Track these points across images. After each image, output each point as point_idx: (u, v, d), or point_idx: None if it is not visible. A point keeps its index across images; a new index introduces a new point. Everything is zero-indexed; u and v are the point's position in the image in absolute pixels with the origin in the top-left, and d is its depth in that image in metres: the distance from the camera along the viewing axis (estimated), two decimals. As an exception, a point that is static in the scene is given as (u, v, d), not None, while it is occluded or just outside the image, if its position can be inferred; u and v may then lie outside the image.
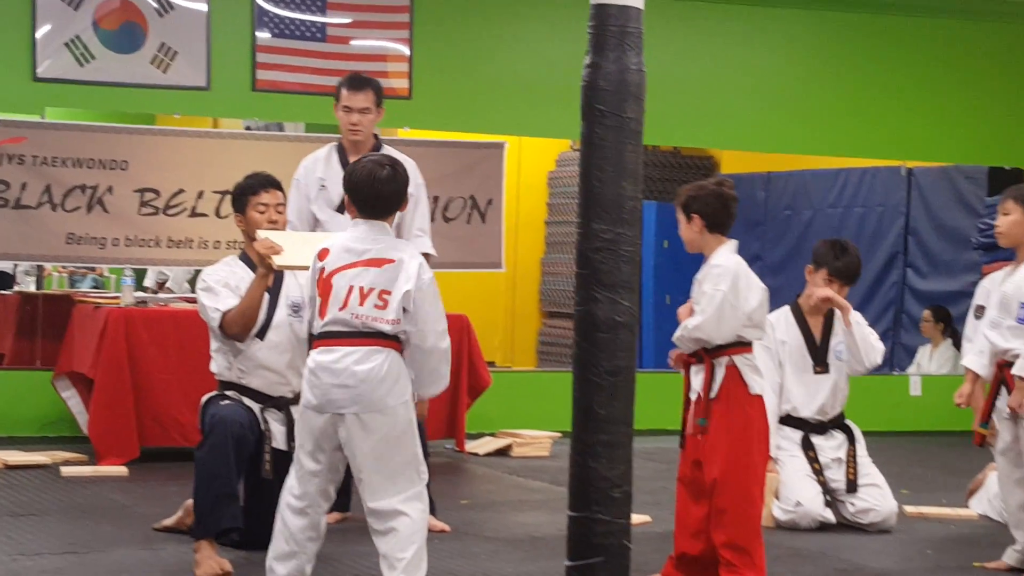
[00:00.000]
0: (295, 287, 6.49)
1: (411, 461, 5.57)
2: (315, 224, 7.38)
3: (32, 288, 12.03)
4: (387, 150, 7.51)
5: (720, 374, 6.02)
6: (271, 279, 6.46)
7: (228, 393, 6.50)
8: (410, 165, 7.49)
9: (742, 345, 6.03)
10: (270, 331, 6.50)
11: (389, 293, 5.49)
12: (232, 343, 6.48)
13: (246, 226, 6.66)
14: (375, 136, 7.56)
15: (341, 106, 7.44)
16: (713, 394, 6.03)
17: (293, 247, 6.34)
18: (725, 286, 5.94)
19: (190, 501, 6.57)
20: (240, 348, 6.48)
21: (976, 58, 12.75)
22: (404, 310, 5.49)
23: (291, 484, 5.68)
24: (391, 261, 5.52)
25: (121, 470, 8.87)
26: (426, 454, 7.52)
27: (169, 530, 6.97)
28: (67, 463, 9.08)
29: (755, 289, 6.01)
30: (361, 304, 5.48)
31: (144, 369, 9.21)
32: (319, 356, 5.53)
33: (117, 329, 9.19)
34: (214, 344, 6.58)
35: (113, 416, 9.14)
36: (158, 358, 9.26)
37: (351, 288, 5.50)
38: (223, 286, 6.50)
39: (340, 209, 7.22)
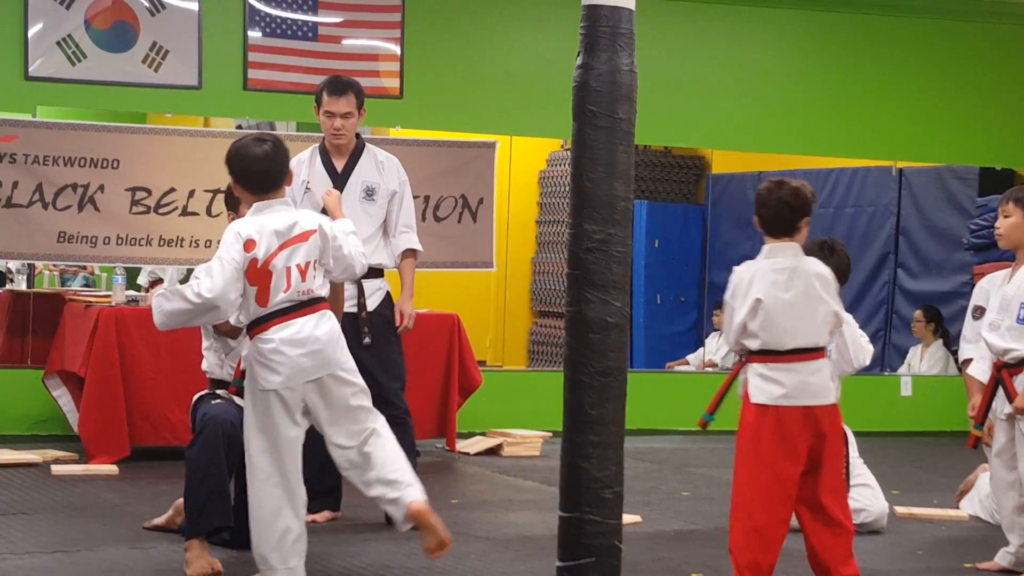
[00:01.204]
0: None
1: (366, 399, 5.76)
2: None
3: (23, 286, 12.00)
4: (370, 149, 7.55)
5: (741, 379, 5.85)
6: None
7: (219, 392, 6.52)
8: (393, 162, 7.61)
9: (750, 353, 5.80)
10: None
11: (318, 261, 5.73)
12: (223, 341, 6.49)
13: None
14: (357, 135, 7.57)
15: (323, 111, 7.45)
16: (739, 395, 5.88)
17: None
18: (727, 294, 5.89)
19: (180, 500, 6.58)
20: (231, 346, 6.49)
21: (967, 58, 12.77)
22: (327, 270, 5.78)
23: (268, 497, 5.68)
24: (314, 231, 5.73)
25: (112, 469, 8.87)
26: (416, 453, 7.54)
27: (159, 529, 6.97)
28: (57, 462, 9.07)
29: (747, 298, 5.78)
30: (303, 280, 5.67)
31: (135, 368, 9.20)
32: (276, 334, 5.62)
33: (108, 328, 9.18)
34: (205, 342, 6.60)
35: (104, 415, 9.13)
36: (149, 357, 9.25)
37: (288, 269, 5.64)
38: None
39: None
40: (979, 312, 7.25)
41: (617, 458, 5.21)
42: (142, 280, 13.90)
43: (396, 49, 11.23)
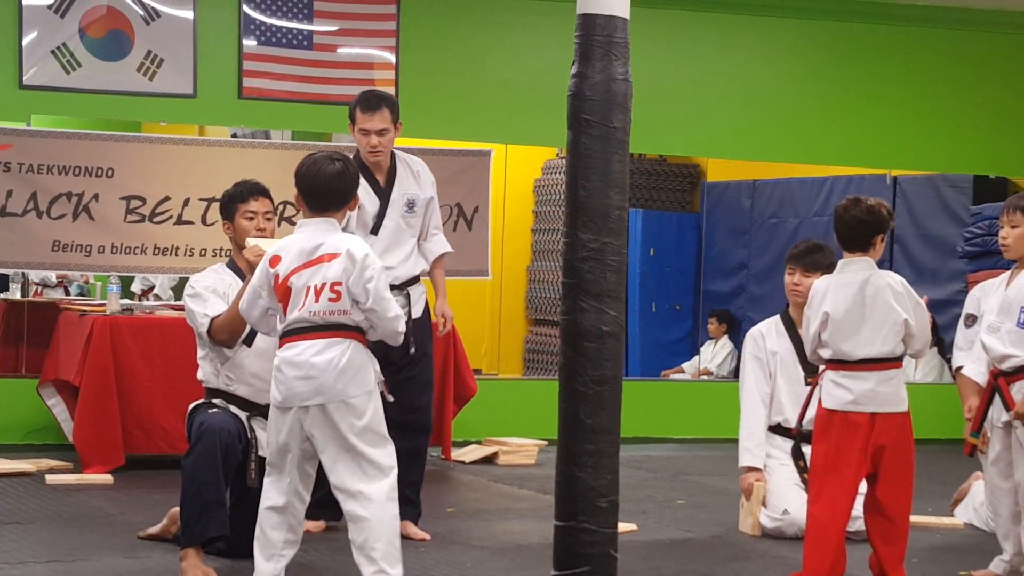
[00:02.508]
0: None
1: (379, 450, 5.61)
2: None
3: (17, 295, 12.00)
4: (402, 158, 7.44)
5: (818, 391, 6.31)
6: None
7: (215, 401, 6.51)
8: (424, 168, 7.51)
9: (826, 362, 6.23)
10: (257, 336, 6.50)
11: (340, 284, 5.58)
12: (219, 350, 6.49)
13: (234, 233, 6.67)
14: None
15: (357, 128, 7.22)
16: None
17: None
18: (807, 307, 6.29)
19: (175, 509, 6.57)
20: (227, 355, 6.49)
21: (961, 66, 12.78)
22: (355, 301, 5.58)
23: (265, 490, 5.73)
24: (338, 254, 5.60)
25: (106, 478, 8.86)
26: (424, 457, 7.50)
27: (154, 538, 6.95)
28: (52, 471, 9.06)
29: (819, 311, 6.18)
30: (316, 301, 5.58)
31: (130, 377, 9.19)
32: (283, 352, 5.64)
33: (103, 337, 9.17)
34: (201, 351, 6.59)
35: (98, 424, 9.11)
36: (144, 366, 9.24)
37: (308, 288, 5.59)
38: (211, 292, 6.52)
39: (375, 230, 7.23)
40: (971, 320, 7.25)
41: (612, 467, 5.22)
42: (135, 287, 13.91)
43: (391, 57, 11.23)
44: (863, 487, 6.30)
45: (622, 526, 5.82)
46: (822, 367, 6.28)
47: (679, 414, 11.98)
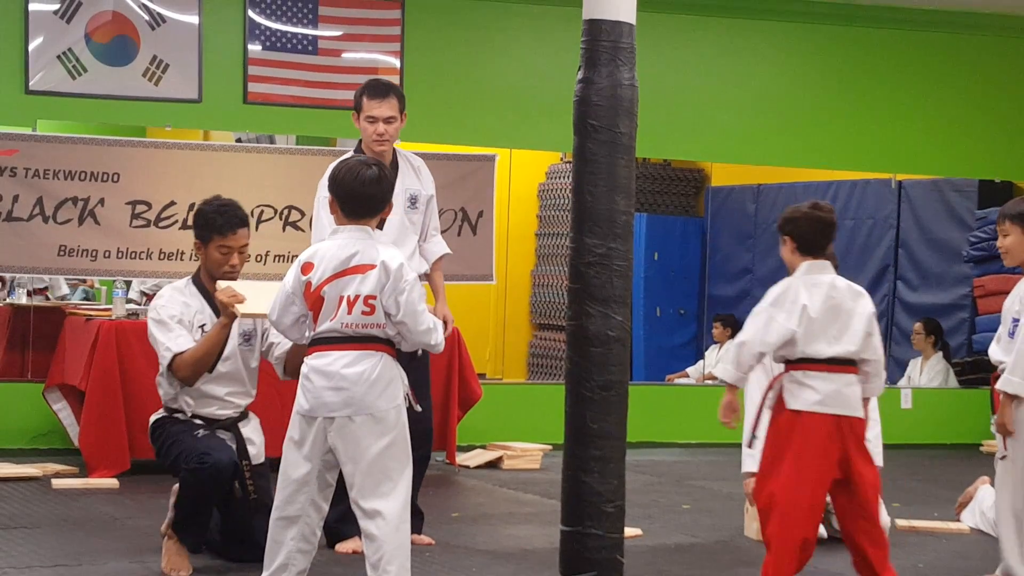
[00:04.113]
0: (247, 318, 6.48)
1: (399, 466, 5.56)
2: None
3: (23, 300, 12.00)
4: (403, 154, 7.33)
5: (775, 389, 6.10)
6: (230, 328, 6.49)
7: (178, 416, 6.56)
8: (424, 165, 7.42)
9: (788, 362, 6.04)
10: (220, 363, 6.54)
11: (375, 298, 5.51)
12: (180, 382, 6.50)
13: (204, 258, 6.63)
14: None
15: (364, 116, 7.09)
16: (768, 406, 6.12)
17: (255, 295, 6.33)
18: (767, 303, 6.03)
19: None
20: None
21: (967, 71, 12.78)
22: (387, 314, 5.51)
23: (278, 498, 5.68)
24: (373, 266, 5.52)
25: (112, 482, 8.87)
26: (427, 459, 7.47)
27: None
28: (58, 475, 9.07)
29: (795, 305, 5.99)
30: (349, 313, 5.51)
31: (135, 381, 9.19)
32: (312, 361, 5.56)
33: (108, 341, 9.19)
34: (160, 371, 6.58)
35: (104, 428, 9.13)
36: (149, 370, 9.17)
37: (341, 299, 5.51)
38: (176, 322, 6.50)
39: (379, 225, 7.17)
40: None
41: (619, 472, 5.23)
42: (134, 294, 13.91)
43: (396, 62, 11.24)
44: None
45: (627, 531, 5.82)
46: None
47: (683, 419, 11.97)
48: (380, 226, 7.13)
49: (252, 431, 6.72)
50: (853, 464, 5.93)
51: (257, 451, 6.68)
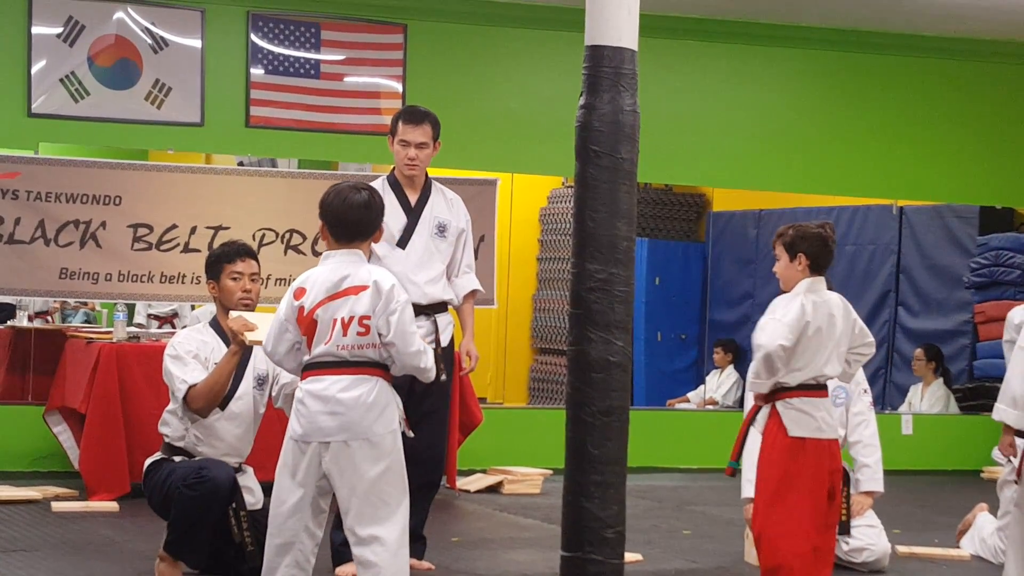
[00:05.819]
0: (263, 360, 6.45)
1: (396, 492, 5.52)
2: (373, 260, 7.20)
3: (24, 322, 12.00)
4: (438, 186, 7.36)
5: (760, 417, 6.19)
6: (239, 356, 6.50)
7: (176, 458, 6.54)
8: (459, 201, 7.42)
9: (783, 390, 6.07)
10: (232, 402, 6.56)
11: (369, 318, 5.49)
12: (193, 415, 6.50)
13: (219, 293, 6.66)
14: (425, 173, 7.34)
15: (398, 140, 7.15)
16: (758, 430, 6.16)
17: (266, 324, 6.33)
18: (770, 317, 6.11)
19: None
20: (196, 417, 6.51)
21: (968, 97, 12.80)
22: (380, 334, 5.50)
23: (271, 524, 5.64)
24: (366, 287, 5.51)
25: (112, 506, 8.85)
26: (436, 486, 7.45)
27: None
28: (58, 498, 9.06)
29: (800, 322, 6.03)
30: (344, 335, 5.48)
31: (136, 404, 9.19)
32: (308, 385, 5.53)
33: (109, 364, 9.18)
34: (172, 406, 6.59)
35: (104, 451, 9.12)
36: (150, 394, 9.22)
37: (334, 321, 5.49)
38: (192, 357, 6.55)
39: (402, 243, 7.17)
40: None
41: (619, 497, 5.22)
42: (140, 318, 13.88)
43: (398, 87, 11.26)
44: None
45: (628, 556, 5.80)
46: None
47: (684, 444, 11.96)
48: (403, 244, 7.13)
49: (250, 480, 6.73)
50: (836, 483, 6.11)
51: (255, 500, 6.67)
